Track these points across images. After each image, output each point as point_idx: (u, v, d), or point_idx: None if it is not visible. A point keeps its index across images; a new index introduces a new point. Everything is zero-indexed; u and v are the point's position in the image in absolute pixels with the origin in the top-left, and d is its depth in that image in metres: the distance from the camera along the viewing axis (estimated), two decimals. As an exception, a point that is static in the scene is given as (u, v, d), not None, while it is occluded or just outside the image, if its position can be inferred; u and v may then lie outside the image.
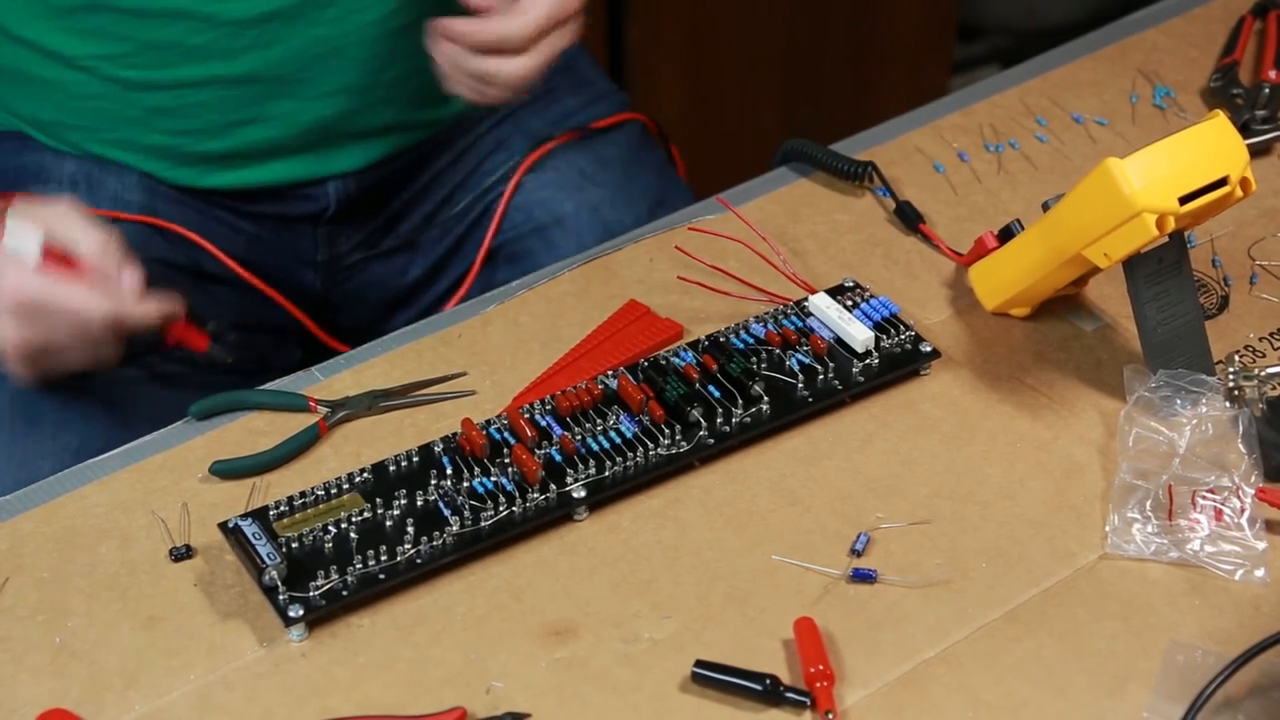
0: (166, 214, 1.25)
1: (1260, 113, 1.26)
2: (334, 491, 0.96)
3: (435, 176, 1.34)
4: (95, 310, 1.03)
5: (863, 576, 0.93)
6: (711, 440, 1.00)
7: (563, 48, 1.17)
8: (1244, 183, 1.00)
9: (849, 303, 1.09)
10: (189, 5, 1.17)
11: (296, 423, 1.03)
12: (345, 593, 0.91)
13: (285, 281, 1.30)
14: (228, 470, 1.00)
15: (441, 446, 0.99)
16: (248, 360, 1.29)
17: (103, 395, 1.14)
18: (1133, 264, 1.01)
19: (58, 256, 1.03)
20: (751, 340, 1.06)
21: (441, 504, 0.96)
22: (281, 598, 0.90)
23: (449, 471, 0.98)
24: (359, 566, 0.92)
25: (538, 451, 0.99)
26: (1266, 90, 1.28)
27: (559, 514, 0.96)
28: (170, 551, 0.95)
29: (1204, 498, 0.96)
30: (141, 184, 1.24)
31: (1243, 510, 0.95)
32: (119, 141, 1.24)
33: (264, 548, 0.92)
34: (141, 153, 1.24)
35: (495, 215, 1.32)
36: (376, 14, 1.22)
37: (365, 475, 0.98)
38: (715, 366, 1.04)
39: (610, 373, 1.04)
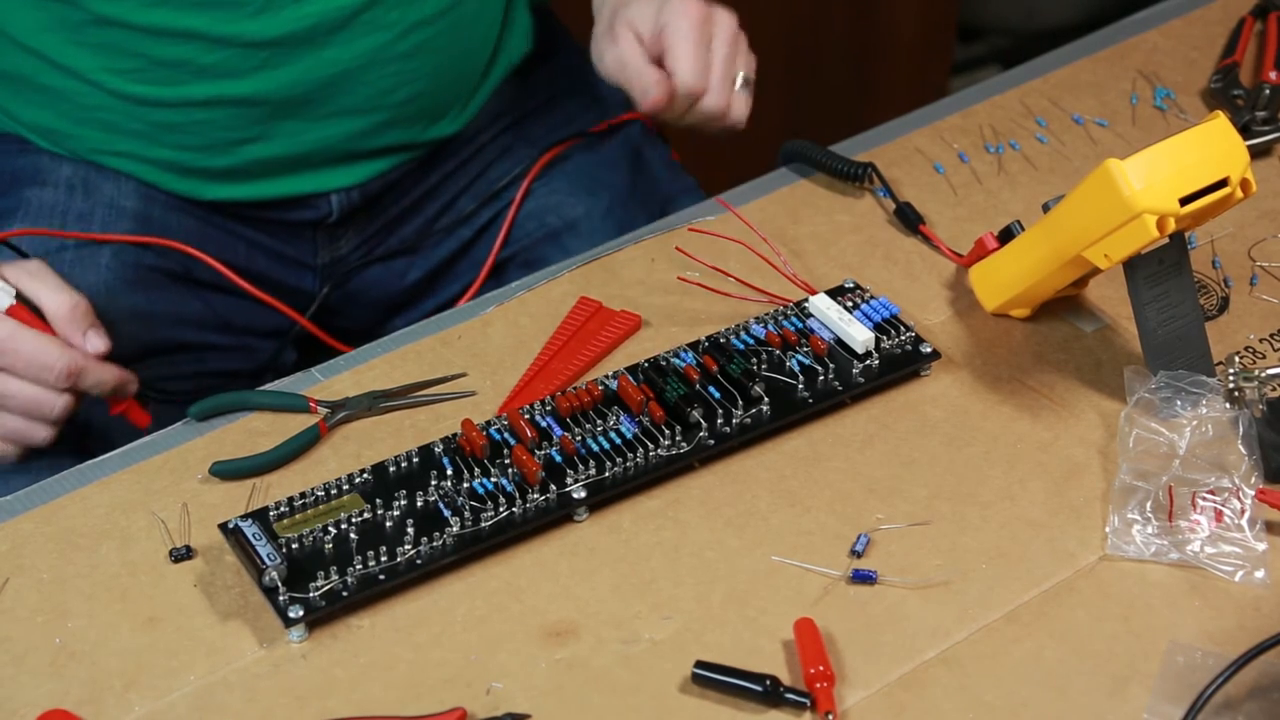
0: (162, 221, 1.24)
1: (1260, 114, 1.26)
2: (334, 492, 0.96)
3: (439, 183, 1.34)
4: (56, 358, 1.05)
5: (863, 577, 0.93)
6: (712, 441, 1.00)
7: (747, 66, 1.19)
8: (1244, 184, 1.00)
9: (849, 304, 1.09)
10: (202, 26, 1.16)
11: (296, 423, 1.03)
12: (345, 593, 0.91)
13: (283, 284, 1.30)
14: (228, 471, 1.00)
15: (441, 447, 0.99)
16: (246, 366, 1.29)
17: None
18: (1133, 265, 1.01)
19: (26, 312, 1.06)
20: (752, 341, 1.06)
21: (441, 505, 0.96)
22: (281, 598, 0.90)
23: (449, 472, 0.98)
24: (359, 567, 0.92)
25: (538, 452, 0.99)
26: (1267, 91, 1.28)
27: (559, 515, 0.96)
28: (170, 552, 0.95)
29: (1204, 499, 0.96)
30: (138, 190, 1.24)
31: (1243, 511, 0.95)
32: (122, 153, 1.23)
33: (264, 548, 0.92)
34: (144, 164, 1.24)
35: (505, 224, 1.32)
36: (386, 37, 1.21)
37: (365, 476, 0.98)
38: (715, 367, 1.04)
39: (611, 374, 1.04)
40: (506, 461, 0.98)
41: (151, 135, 1.22)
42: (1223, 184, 0.99)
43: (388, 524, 0.95)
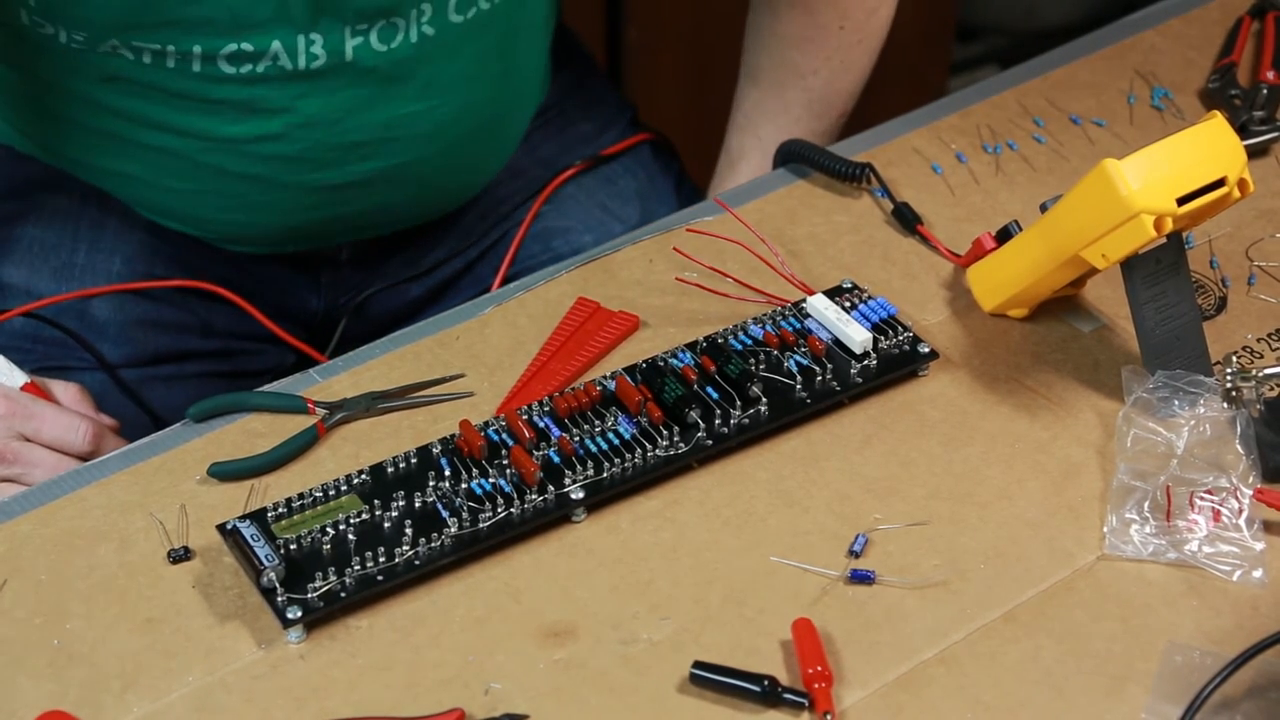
0: (170, 239, 1.25)
1: (1258, 113, 1.26)
2: (332, 493, 0.96)
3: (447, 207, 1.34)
4: (80, 420, 1.06)
5: (861, 577, 0.93)
6: (710, 441, 1.00)
7: None
8: (1242, 184, 1.00)
9: (847, 304, 1.09)
10: (268, 173, 1.17)
11: (294, 424, 1.03)
12: (343, 594, 0.91)
13: (287, 303, 1.30)
14: (226, 472, 1.00)
15: (440, 448, 0.99)
16: (248, 368, 1.29)
17: (100, 396, 1.14)
18: (1131, 265, 1.01)
19: (41, 390, 1.08)
20: (749, 341, 1.06)
21: (439, 505, 0.96)
22: (280, 599, 0.90)
23: (447, 473, 0.98)
24: (357, 568, 0.92)
25: (536, 453, 0.99)
26: (1264, 91, 1.28)
27: (557, 515, 0.96)
28: (168, 553, 0.95)
29: (1202, 498, 0.96)
30: None
31: (1240, 511, 0.95)
32: (134, 215, 1.24)
33: (262, 549, 0.92)
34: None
35: (512, 245, 1.31)
36: (437, 182, 1.23)
37: (363, 477, 0.98)
38: (713, 368, 1.04)
39: (609, 374, 1.04)
40: (504, 462, 0.98)
41: (172, 215, 1.23)
42: (1220, 184, 0.99)
43: (386, 525, 0.95)
